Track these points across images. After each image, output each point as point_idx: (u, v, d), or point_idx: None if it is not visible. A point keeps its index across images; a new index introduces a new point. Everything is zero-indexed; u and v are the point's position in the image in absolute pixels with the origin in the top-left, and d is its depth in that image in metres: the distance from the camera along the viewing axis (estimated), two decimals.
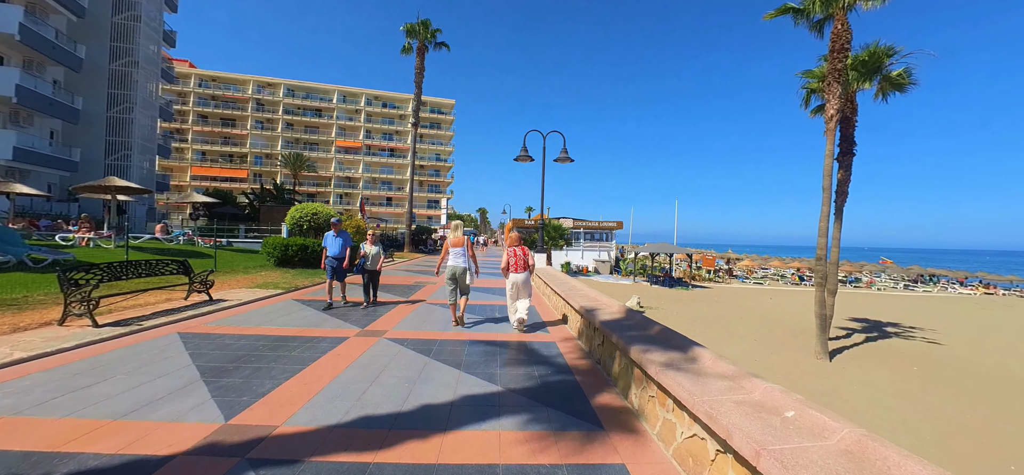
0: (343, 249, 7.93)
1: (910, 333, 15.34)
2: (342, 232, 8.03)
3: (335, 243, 7.91)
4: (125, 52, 25.43)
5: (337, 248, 7.89)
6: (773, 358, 10.70)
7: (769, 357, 10.66)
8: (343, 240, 7.94)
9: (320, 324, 6.59)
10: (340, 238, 7.94)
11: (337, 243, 7.91)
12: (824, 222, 10.79)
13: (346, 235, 8.09)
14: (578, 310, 6.08)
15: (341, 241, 7.92)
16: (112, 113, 25.21)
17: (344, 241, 7.95)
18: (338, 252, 7.90)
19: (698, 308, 18.34)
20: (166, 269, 7.77)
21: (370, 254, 7.97)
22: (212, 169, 59.46)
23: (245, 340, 5.58)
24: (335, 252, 7.89)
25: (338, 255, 7.89)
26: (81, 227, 13.88)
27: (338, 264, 7.91)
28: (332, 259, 7.88)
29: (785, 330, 14.54)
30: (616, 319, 5.02)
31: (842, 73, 10.45)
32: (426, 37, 27.81)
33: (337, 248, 7.89)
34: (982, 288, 32.56)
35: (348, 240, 8.05)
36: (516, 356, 5.23)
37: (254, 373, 4.37)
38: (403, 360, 4.93)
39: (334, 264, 7.90)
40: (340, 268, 7.94)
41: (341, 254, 7.92)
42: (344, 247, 7.95)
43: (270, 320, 6.79)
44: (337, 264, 7.91)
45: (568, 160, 13.34)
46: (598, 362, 5.00)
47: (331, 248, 7.89)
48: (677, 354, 3.53)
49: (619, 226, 41.71)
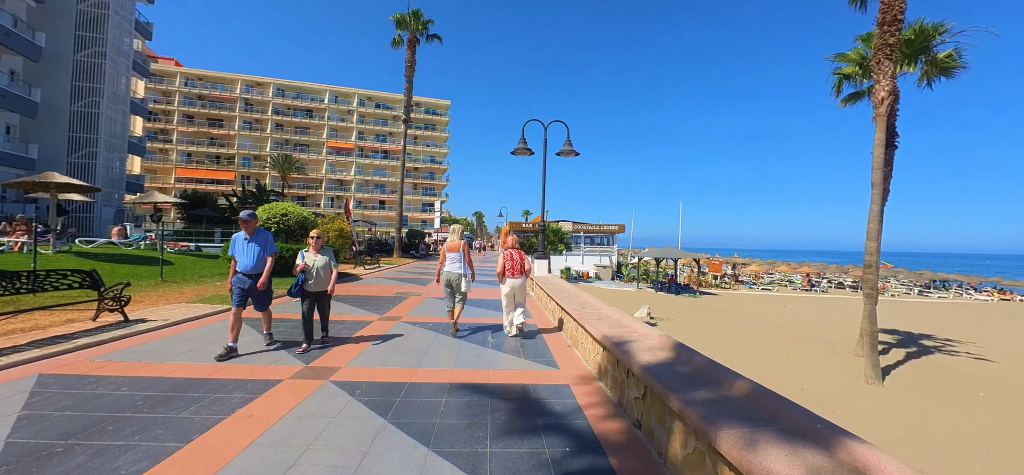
0: (260, 260, 5.12)
1: (951, 348, 13.82)
2: (260, 231, 5.23)
3: (246, 250, 5.06)
4: (92, 42, 23.59)
5: (249, 258, 5.04)
6: (820, 384, 9.09)
7: (815, 383, 9.06)
8: (260, 245, 5.14)
9: (249, 359, 4.90)
10: (255, 243, 5.09)
11: (249, 250, 5.06)
12: (874, 223, 9.25)
13: (265, 237, 5.24)
14: (599, 340, 4.44)
15: (256, 247, 5.09)
16: (77, 107, 23.31)
17: (262, 247, 5.15)
18: (250, 265, 5.04)
19: (713, 318, 16.76)
20: (64, 282, 6.05)
21: (313, 268, 5.24)
22: (198, 171, 57.42)
23: (127, 387, 3.91)
24: (246, 265, 5.04)
25: (251, 269, 5.06)
26: (15, 230, 12.13)
27: (251, 284, 5.08)
28: (241, 276, 5.06)
29: (816, 345, 12.98)
30: (664, 363, 3.39)
31: (894, 49, 8.94)
32: (417, 29, 26.22)
33: (249, 258, 5.04)
34: (998, 294, 31.27)
35: (268, 246, 5.23)
36: (515, 415, 3.58)
37: (94, 455, 2.71)
38: (346, 426, 3.27)
39: (243, 284, 5.04)
40: (255, 291, 5.09)
41: (255, 268, 5.08)
42: (262, 257, 5.13)
43: (186, 351, 5.10)
44: (248, 284, 5.07)
45: (573, 154, 11.73)
46: (637, 425, 3.37)
47: (240, 258, 5.06)
48: (815, 454, 1.91)
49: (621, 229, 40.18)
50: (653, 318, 15.13)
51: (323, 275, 5.36)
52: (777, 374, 9.54)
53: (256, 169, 59.46)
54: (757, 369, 9.70)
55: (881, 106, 9.08)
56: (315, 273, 5.24)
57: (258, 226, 5.24)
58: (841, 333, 15.05)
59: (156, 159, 56.40)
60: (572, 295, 7.43)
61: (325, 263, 5.39)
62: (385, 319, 7.46)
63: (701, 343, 11.82)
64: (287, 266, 10.92)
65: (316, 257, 5.33)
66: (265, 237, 5.25)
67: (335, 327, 6.61)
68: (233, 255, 5.17)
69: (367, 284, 12.86)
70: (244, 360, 4.79)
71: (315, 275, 5.24)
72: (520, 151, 11.76)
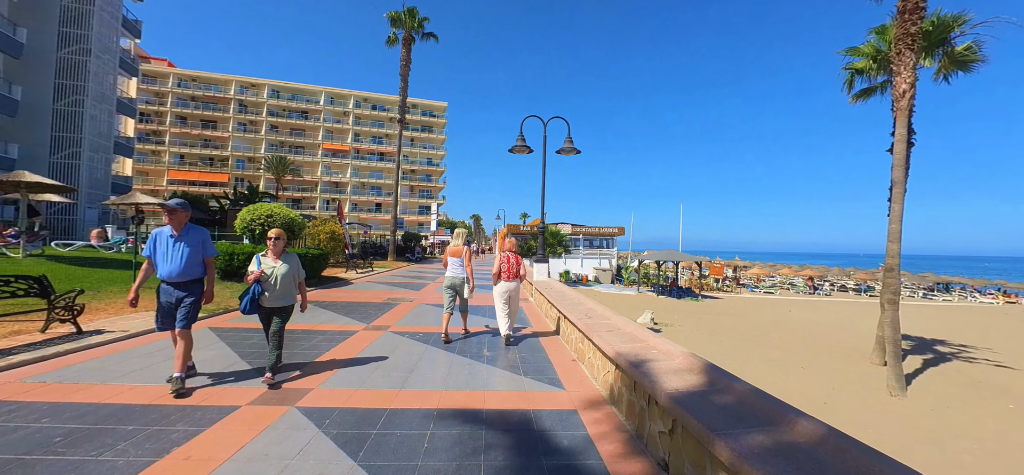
0: (191, 264, 3.82)
1: (967, 354, 13.28)
2: (194, 228, 3.96)
3: (171, 251, 3.78)
4: (77, 38, 22.86)
5: (175, 261, 3.76)
6: (842, 396, 8.50)
7: (836, 396, 8.46)
8: (191, 244, 3.84)
9: (210, 380, 4.25)
10: (184, 242, 3.81)
11: (176, 251, 3.77)
12: (895, 224, 8.69)
13: (199, 235, 3.96)
14: (613, 358, 3.83)
15: (185, 248, 3.80)
16: (60, 105, 22.53)
17: (194, 247, 3.86)
18: (176, 269, 3.75)
19: (719, 323, 16.18)
20: (7, 290, 5.39)
21: (272, 276, 4.09)
22: (191, 173, 56.51)
23: (50, 416, 3.26)
24: (170, 270, 3.75)
25: (176, 276, 3.75)
26: None
27: (178, 297, 3.80)
28: (166, 286, 3.79)
29: (828, 352, 12.40)
30: (696, 391, 2.78)
31: (915, 38, 8.41)
32: (412, 27, 25.64)
33: (175, 261, 3.76)
34: (1003, 297, 30.86)
35: (206, 246, 3.98)
36: (515, 452, 2.96)
37: None
38: (304, 473, 2.64)
39: (169, 296, 3.79)
40: (183, 305, 3.80)
41: (183, 274, 3.78)
42: (193, 260, 3.84)
43: (137, 370, 4.44)
44: (176, 296, 3.79)
45: (574, 151, 11.14)
46: (664, 467, 2.76)
47: (161, 261, 3.78)
48: None
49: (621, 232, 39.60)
50: (657, 324, 14.54)
51: (284, 286, 4.15)
52: (794, 385, 8.95)
53: (251, 171, 58.62)
54: (772, 379, 9.12)
55: (902, 99, 8.53)
56: (274, 283, 4.10)
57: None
58: (852, 339, 14.50)
59: (148, 161, 55.52)
60: (576, 302, 6.81)
61: (288, 271, 4.20)
62: (371, 329, 6.83)
63: (710, 350, 11.23)
64: None
65: (276, 263, 4.18)
66: (199, 235, 3.98)
67: (313, 338, 5.97)
68: (149, 257, 3.79)
69: (356, 289, 12.20)
70: (202, 379, 4.14)
71: (274, 286, 4.10)
72: (518, 149, 11.15)
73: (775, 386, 8.49)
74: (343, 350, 5.45)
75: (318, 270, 13.11)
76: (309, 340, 5.89)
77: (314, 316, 7.74)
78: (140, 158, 54.35)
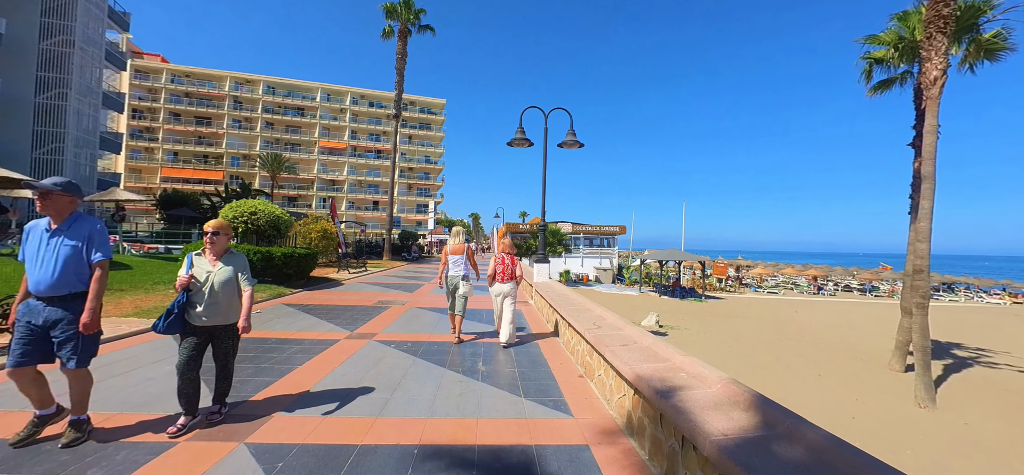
0: (70, 272, 2.70)
1: (987, 358, 12.69)
2: (81, 217, 2.81)
3: (43, 251, 2.67)
4: (60, 29, 22.07)
5: (48, 267, 2.64)
6: (866, 408, 7.86)
7: (861, 408, 7.82)
8: (75, 240, 2.73)
9: (145, 405, 3.58)
10: (64, 239, 2.70)
11: (49, 251, 2.67)
12: (924, 222, 8.05)
13: (87, 227, 2.79)
14: (632, 381, 3.18)
15: (63, 246, 2.69)
16: (42, 99, 21.75)
17: (77, 244, 2.73)
18: (48, 278, 2.64)
19: (726, 326, 15.56)
20: None
21: (207, 283, 3.04)
22: (185, 170, 55.64)
23: None
24: (42, 279, 2.65)
25: (47, 288, 2.65)
26: None
27: (50, 316, 2.67)
28: (31, 302, 2.72)
29: (844, 357, 11.79)
30: (752, 439, 2.12)
31: (948, 20, 7.76)
32: (408, 19, 24.92)
33: (48, 267, 2.64)
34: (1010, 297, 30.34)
35: (94, 243, 2.78)
36: None
37: None
38: None
39: (34, 317, 2.66)
40: (60, 332, 2.69)
41: (57, 286, 2.66)
42: (73, 266, 2.71)
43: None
44: (46, 317, 2.67)
45: (577, 145, 10.48)
46: None
47: (29, 268, 2.69)
48: None
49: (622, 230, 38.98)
50: (662, 326, 13.91)
51: (223, 297, 3.08)
52: (814, 395, 8.32)
53: (246, 169, 57.78)
54: (790, 389, 8.49)
55: (933, 87, 7.89)
56: (208, 293, 3.02)
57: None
58: (866, 341, 13.89)
59: (141, 158, 54.68)
60: (582, 309, 6.15)
61: (228, 277, 3.11)
62: (355, 337, 6.16)
63: (720, 356, 10.61)
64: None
65: (214, 266, 3.10)
66: (86, 228, 2.78)
67: (287, 349, 5.30)
68: (23, 261, 2.74)
69: (346, 291, 11.54)
70: (146, 405, 3.47)
71: (208, 297, 3.02)
72: (518, 142, 10.49)
73: (795, 397, 7.87)
74: (318, 364, 4.79)
75: (306, 270, 12.42)
76: (282, 351, 5.22)
77: (293, 322, 7.09)
78: (133, 155, 53.50)
